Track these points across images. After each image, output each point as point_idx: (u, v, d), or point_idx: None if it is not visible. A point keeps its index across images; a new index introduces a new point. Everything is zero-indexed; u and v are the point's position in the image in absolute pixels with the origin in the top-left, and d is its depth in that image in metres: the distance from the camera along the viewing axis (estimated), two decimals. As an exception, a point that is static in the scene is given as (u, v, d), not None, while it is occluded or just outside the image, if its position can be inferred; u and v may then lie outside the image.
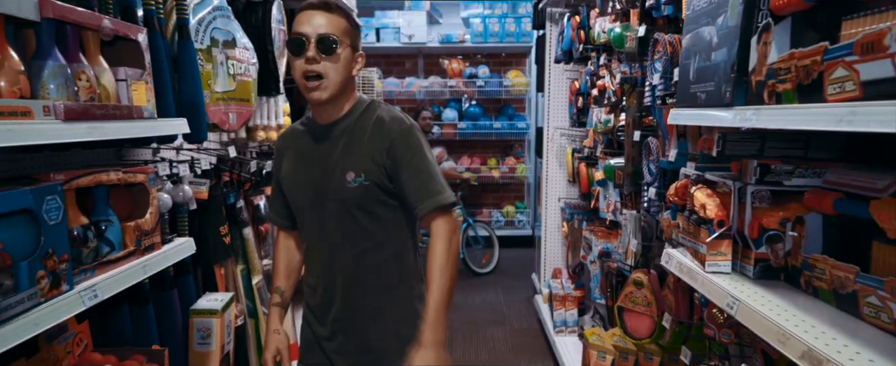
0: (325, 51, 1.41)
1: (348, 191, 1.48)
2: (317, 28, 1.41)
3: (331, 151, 1.52)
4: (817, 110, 0.90)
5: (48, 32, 1.06)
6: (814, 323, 1.01)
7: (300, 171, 1.57)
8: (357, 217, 1.50)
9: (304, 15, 1.45)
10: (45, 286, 1.02)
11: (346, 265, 1.54)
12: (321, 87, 1.43)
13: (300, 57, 1.42)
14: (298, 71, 1.44)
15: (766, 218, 1.26)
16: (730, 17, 1.22)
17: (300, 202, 1.57)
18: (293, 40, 1.43)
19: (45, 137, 0.99)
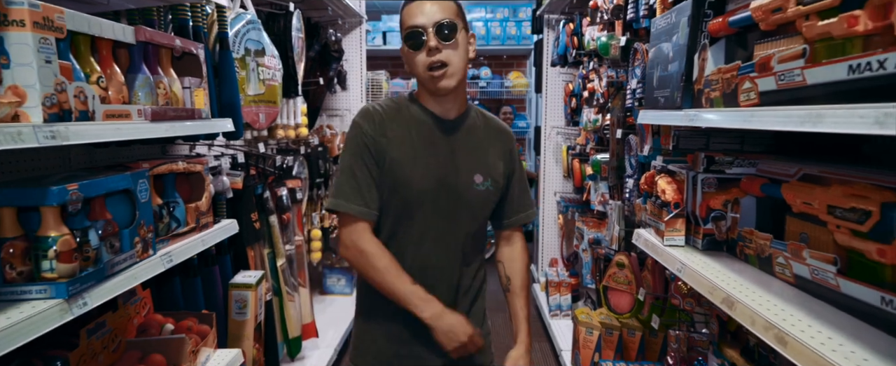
0: (446, 38, 1.35)
1: (474, 193, 1.43)
2: (432, 16, 1.35)
3: (456, 147, 1.44)
4: (732, 113, 1.18)
5: (139, 52, 1.35)
6: (737, 279, 1.29)
7: (421, 158, 1.41)
8: (477, 221, 1.47)
9: (414, 6, 1.37)
10: (139, 250, 1.31)
11: (460, 272, 1.49)
12: (448, 75, 1.37)
13: (421, 49, 1.36)
14: (421, 64, 1.37)
15: (713, 200, 1.54)
16: (680, 36, 1.51)
17: (414, 195, 1.41)
18: (410, 34, 1.36)
19: (140, 133, 1.29)
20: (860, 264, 1.05)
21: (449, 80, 1.37)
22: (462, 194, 1.43)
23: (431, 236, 1.43)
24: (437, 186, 1.41)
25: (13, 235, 1.05)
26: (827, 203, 1.10)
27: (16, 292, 1.04)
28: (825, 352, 0.88)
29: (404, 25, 1.38)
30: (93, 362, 1.41)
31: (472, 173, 1.44)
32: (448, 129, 1.44)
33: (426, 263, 1.44)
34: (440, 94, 1.40)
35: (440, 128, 1.44)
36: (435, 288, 1.41)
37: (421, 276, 1.40)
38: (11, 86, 0.97)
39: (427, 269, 1.44)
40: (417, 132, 1.43)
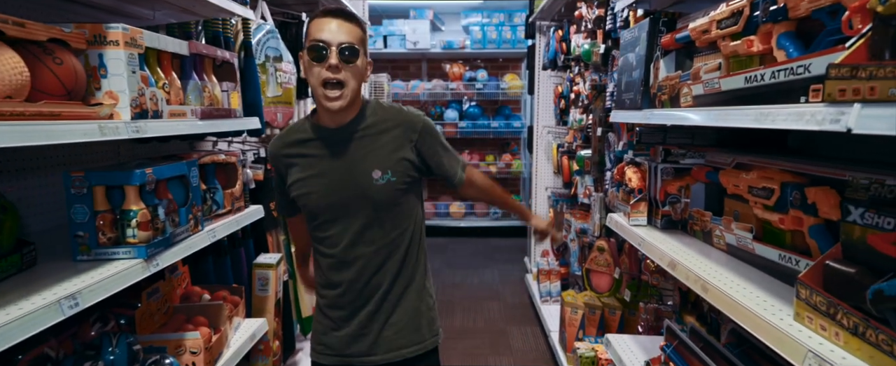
0: (347, 60, 1.41)
1: (375, 189, 1.51)
2: (337, 36, 1.41)
3: (350, 153, 1.52)
4: (676, 112, 1.47)
5: (190, 62, 1.63)
6: (683, 249, 1.58)
7: (319, 177, 1.54)
8: (390, 213, 1.55)
9: (322, 22, 1.44)
10: (192, 225, 1.59)
11: (371, 260, 1.57)
12: (342, 96, 1.43)
13: (321, 64, 1.41)
14: (317, 78, 1.43)
15: (669, 186, 1.83)
16: (641, 48, 1.79)
17: (318, 207, 1.55)
18: (314, 47, 1.41)
19: (193, 129, 1.57)
20: (768, 231, 1.34)
21: (342, 100, 1.43)
22: (364, 193, 1.51)
23: (347, 238, 1.54)
24: (337, 194, 1.52)
25: (103, 208, 1.33)
26: (748, 185, 1.39)
27: (107, 253, 1.32)
28: (733, 294, 1.17)
29: (310, 37, 1.44)
30: (150, 320, 1.69)
31: (370, 171, 1.50)
32: (340, 139, 1.52)
33: (348, 262, 1.56)
34: (330, 110, 1.46)
35: (332, 140, 1.52)
36: (358, 283, 1.57)
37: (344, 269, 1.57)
38: (108, 91, 1.25)
39: (350, 267, 1.57)
40: (313, 150, 1.54)
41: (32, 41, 1.07)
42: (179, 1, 1.83)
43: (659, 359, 1.70)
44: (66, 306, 1.06)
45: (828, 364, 0.83)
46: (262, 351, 2.41)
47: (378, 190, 1.51)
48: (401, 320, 1.62)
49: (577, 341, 2.90)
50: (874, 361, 0.81)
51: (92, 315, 1.49)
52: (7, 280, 1.17)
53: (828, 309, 0.90)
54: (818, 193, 1.15)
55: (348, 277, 1.57)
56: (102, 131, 1.17)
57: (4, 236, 1.17)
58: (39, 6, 1.71)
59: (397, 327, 1.62)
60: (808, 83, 0.93)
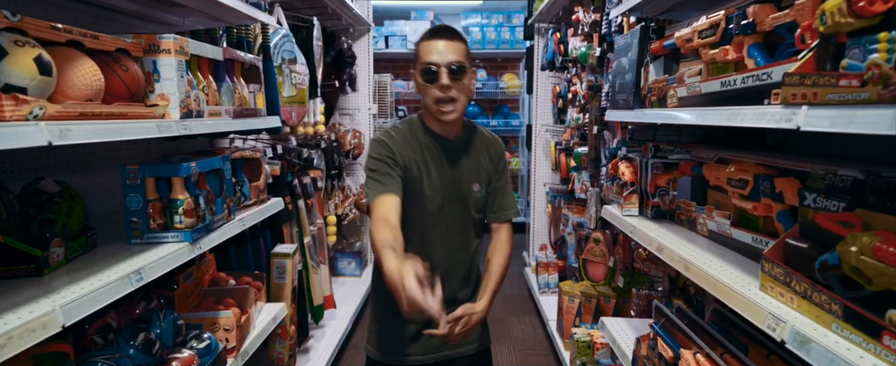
0: (456, 77, 1.55)
1: (474, 200, 1.69)
2: (445, 56, 1.53)
3: (458, 163, 1.67)
4: (663, 112, 1.64)
5: (223, 66, 1.79)
6: (670, 236, 1.75)
7: (431, 175, 1.64)
8: (476, 220, 1.73)
9: (430, 45, 1.56)
10: (226, 214, 1.76)
11: (455, 262, 1.71)
12: (454, 110, 1.58)
13: (433, 84, 1.55)
14: (431, 97, 1.57)
15: (659, 180, 2.00)
16: (633, 53, 1.96)
17: (425, 203, 1.65)
18: (426, 70, 1.55)
19: (227, 127, 1.74)
20: (744, 218, 1.51)
21: (454, 113, 1.58)
22: (465, 202, 1.68)
23: (444, 238, 1.67)
24: (444, 197, 1.65)
25: (153, 197, 1.49)
26: (727, 177, 1.56)
27: (158, 237, 1.49)
28: (710, 272, 1.34)
29: (420, 60, 1.58)
30: (186, 301, 1.85)
31: (472, 183, 1.68)
32: (450, 148, 1.66)
33: (439, 259, 1.66)
34: (445, 123, 1.62)
35: (444, 148, 1.66)
36: (447, 279, 1.62)
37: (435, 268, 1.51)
38: (161, 94, 1.41)
39: (440, 264, 1.65)
40: (426, 153, 1.64)
41: (104, 51, 1.23)
42: (209, 9, 1.99)
43: (648, 336, 1.87)
44: (134, 280, 1.23)
45: (782, 322, 1.01)
46: (280, 335, 2.58)
47: (475, 201, 1.71)
48: None
49: (574, 327, 3.07)
50: (819, 318, 0.98)
51: (138, 295, 1.66)
52: (76, 259, 1.34)
53: (785, 278, 1.08)
54: (784, 182, 1.32)
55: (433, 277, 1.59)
56: (159, 129, 1.34)
57: (74, 221, 1.34)
58: (79, 14, 1.86)
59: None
60: (770, 88, 1.10)
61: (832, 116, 0.87)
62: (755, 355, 1.48)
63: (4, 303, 1.02)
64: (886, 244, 0.84)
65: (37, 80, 1.00)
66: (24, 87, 0.98)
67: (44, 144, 0.95)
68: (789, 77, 0.99)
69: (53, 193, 1.32)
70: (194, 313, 1.82)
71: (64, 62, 1.10)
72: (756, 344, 1.53)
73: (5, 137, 0.89)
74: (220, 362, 1.70)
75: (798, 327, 0.97)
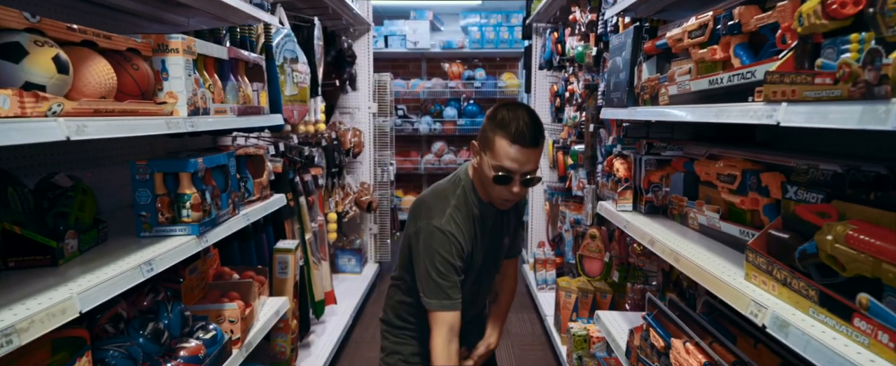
0: (527, 185, 1.61)
1: (503, 251, 1.91)
2: (524, 166, 1.55)
3: (499, 226, 1.81)
4: (655, 109, 1.69)
5: (228, 65, 1.85)
6: (662, 230, 1.80)
7: (479, 240, 1.74)
8: (494, 269, 1.93)
9: (514, 149, 1.51)
10: (231, 209, 1.81)
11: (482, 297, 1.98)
12: (513, 204, 1.72)
13: (505, 186, 1.58)
14: (498, 194, 1.62)
15: (652, 176, 2.05)
16: (627, 52, 2.02)
17: (473, 263, 1.75)
18: (500, 177, 1.56)
19: (232, 124, 1.79)
20: (733, 212, 1.56)
21: (511, 204, 1.72)
22: (498, 254, 1.89)
23: (481, 283, 1.89)
24: (485, 254, 1.80)
25: (162, 192, 1.54)
26: (717, 172, 1.62)
27: (166, 230, 1.54)
28: (699, 262, 1.39)
29: (497, 156, 1.53)
30: (191, 293, 1.90)
31: (504, 238, 1.87)
32: (495, 216, 1.77)
33: (476, 298, 1.89)
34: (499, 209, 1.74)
35: (491, 215, 1.75)
36: (475, 308, 1.92)
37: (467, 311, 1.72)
38: (169, 91, 1.46)
39: (476, 302, 1.91)
40: (478, 226, 1.71)
41: (116, 51, 1.28)
42: (214, 10, 2.04)
43: (641, 327, 1.92)
44: (145, 270, 1.28)
45: (763, 308, 1.06)
46: (282, 329, 2.63)
47: (504, 251, 1.92)
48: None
49: (571, 322, 3.13)
50: (797, 304, 1.03)
51: (146, 287, 1.71)
52: (89, 251, 1.39)
53: (767, 267, 1.13)
54: (770, 177, 1.38)
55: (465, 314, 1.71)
56: (168, 125, 1.39)
57: (86, 214, 1.39)
58: (88, 15, 1.91)
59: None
60: (754, 86, 1.16)
61: (808, 112, 0.92)
62: (743, 344, 1.53)
63: (25, 290, 1.07)
64: (858, 232, 0.90)
65: (55, 78, 1.05)
66: (43, 84, 1.03)
67: (62, 138, 1.00)
68: (770, 75, 1.04)
69: (67, 188, 1.37)
70: (200, 305, 1.87)
71: (79, 61, 1.15)
72: (744, 334, 1.58)
73: (28, 131, 0.94)
74: (225, 352, 1.75)
75: (778, 312, 1.02)
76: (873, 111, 0.77)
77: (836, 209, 1.02)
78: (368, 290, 4.52)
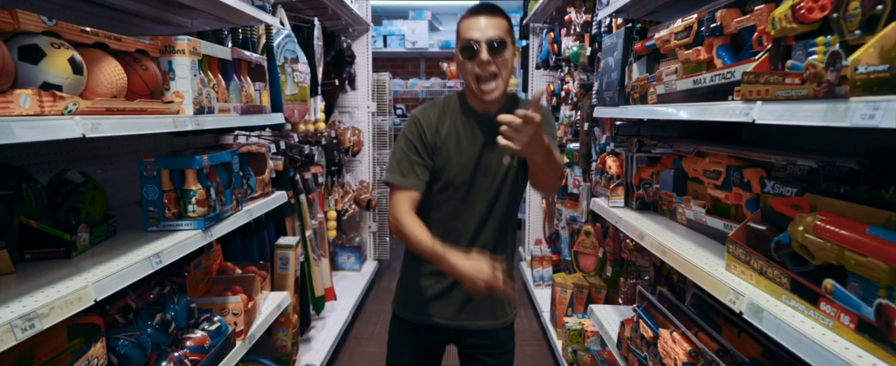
0: (496, 53, 1.50)
1: (501, 171, 1.64)
2: (485, 32, 1.49)
3: (491, 139, 1.52)
4: (644, 107, 1.75)
5: (231, 66, 1.90)
6: (652, 225, 1.86)
7: (460, 150, 1.63)
8: (506, 194, 1.68)
9: (470, 21, 1.52)
10: (235, 205, 1.87)
11: (486, 232, 1.69)
12: (496, 87, 1.54)
13: (473, 60, 1.51)
14: (471, 73, 1.54)
15: (643, 173, 2.11)
16: (619, 53, 2.08)
17: (453, 180, 1.64)
18: (465, 47, 1.51)
19: (236, 122, 1.85)
20: (718, 207, 1.63)
21: (496, 91, 1.55)
22: (493, 174, 1.65)
23: (469, 209, 1.66)
24: (473, 169, 1.63)
25: (168, 188, 1.60)
26: (703, 169, 1.68)
27: (173, 224, 1.60)
28: (685, 255, 1.45)
29: (461, 37, 1.54)
30: (196, 287, 1.96)
31: (501, 157, 1.63)
32: (486, 123, 1.59)
33: (462, 229, 1.67)
34: (486, 101, 1.58)
35: (480, 123, 1.63)
36: (476, 241, 1.66)
37: (457, 239, 1.63)
38: (176, 91, 1.52)
39: (463, 234, 1.67)
40: (461, 128, 1.63)
41: (126, 52, 1.34)
42: (217, 11, 2.10)
43: (632, 319, 1.98)
44: (154, 262, 1.34)
45: (741, 295, 1.12)
46: (283, 323, 2.69)
47: (503, 173, 1.65)
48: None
49: (566, 317, 3.19)
50: (772, 291, 1.09)
51: (152, 280, 1.77)
52: (100, 244, 1.45)
53: (746, 257, 1.19)
54: (751, 173, 1.44)
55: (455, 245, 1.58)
56: (175, 124, 1.45)
57: (97, 210, 1.45)
58: (93, 16, 1.97)
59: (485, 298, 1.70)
60: (733, 85, 1.22)
61: (780, 110, 0.99)
62: (728, 334, 1.60)
63: (42, 280, 1.13)
64: (825, 223, 0.96)
65: (71, 78, 1.11)
66: (59, 84, 1.09)
67: (79, 136, 1.06)
68: (747, 76, 1.10)
69: (79, 184, 1.43)
70: (205, 298, 1.93)
71: (92, 62, 1.21)
72: (730, 324, 1.64)
73: (46, 129, 1.00)
74: (229, 343, 1.81)
75: (754, 299, 1.08)
76: (834, 109, 0.83)
77: (808, 202, 1.08)
78: (368, 287, 4.58)
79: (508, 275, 1.73)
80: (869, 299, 0.84)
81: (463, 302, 1.73)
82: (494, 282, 1.42)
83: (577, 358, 2.86)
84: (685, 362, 1.48)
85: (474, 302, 1.72)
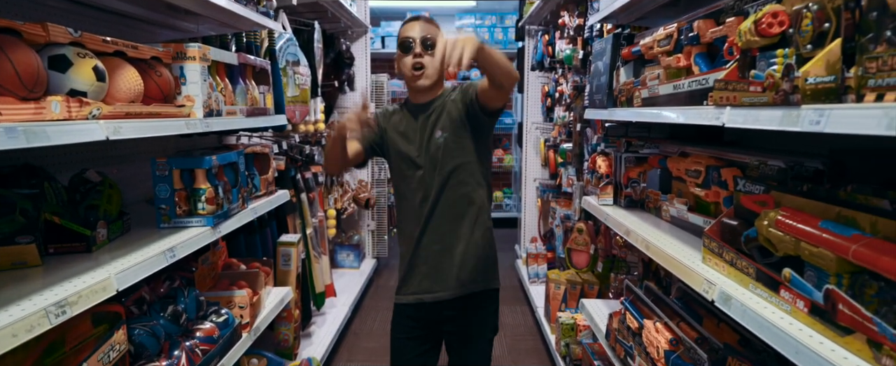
0: (427, 48, 1.80)
1: (436, 145, 1.85)
2: (420, 32, 1.80)
3: (428, 121, 1.86)
4: (630, 110, 1.85)
5: (237, 70, 2.00)
6: (638, 221, 1.96)
7: (404, 138, 1.91)
8: (449, 163, 1.85)
9: (409, 25, 1.85)
10: (241, 203, 1.96)
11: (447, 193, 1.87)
12: (425, 76, 1.81)
13: (409, 54, 1.81)
14: (407, 65, 1.82)
15: (631, 172, 2.21)
16: (607, 57, 2.17)
17: (404, 164, 1.91)
18: (403, 43, 1.82)
19: (242, 124, 1.94)
20: (699, 204, 1.72)
21: (425, 80, 1.82)
22: (430, 149, 1.86)
23: (422, 183, 1.88)
24: (416, 150, 1.88)
25: (179, 187, 1.69)
26: (686, 168, 1.78)
27: (183, 221, 1.69)
28: (666, 249, 1.55)
29: (400, 37, 1.86)
30: (203, 282, 2.06)
31: (435, 132, 1.86)
32: (423, 111, 1.89)
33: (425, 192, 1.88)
34: (417, 89, 1.86)
35: (418, 110, 1.91)
36: (432, 215, 1.88)
37: (418, 215, 1.88)
38: (187, 95, 1.62)
39: (425, 204, 1.88)
40: (405, 118, 1.93)
41: (141, 59, 1.44)
42: (222, 17, 2.19)
43: (619, 312, 2.08)
44: (168, 256, 1.43)
45: (713, 285, 1.22)
46: (285, 318, 2.79)
47: (438, 148, 1.85)
48: (468, 261, 1.88)
49: (560, 312, 3.29)
50: (741, 281, 1.19)
51: (162, 275, 1.86)
52: (116, 240, 1.54)
53: (719, 250, 1.29)
54: (728, 172, 1.54)
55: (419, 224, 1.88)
56: (187, 126, 1.54)
57: (113, 207, 1.54)
58: (102, 23, 2.06)
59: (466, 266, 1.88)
60: (707, 91, 1.31)
61: (745, 115, 1.08)
62: (708, 324, 1.69)
63: (68, 271, 1.22)
64: (785, 218, 1.05)
65: (95, 85, 1.20)
66: (85, 91, 1.18)
67: (103, 138, 1.15)
68: (718, 83, 1.20)
69: (96, 182, 1.52)
70: (213, 292, 2.02)
71: (112, 69, 1.30)
72: (710, 315, 1.74)
73: (74, 133, 1.09)
74: (236, 335, 1.90)
75: (724, 288, 1.18)
76: (789, 115, 0.93)
77: (774, 199, 1.18)
78: (366, 284, 4.67)
79: (489, 235, 1.98)
80: (820, 286, 0.94)
81: (428, 272, 1.90)
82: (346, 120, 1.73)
83: (570, 351, 2.96)
84: (666, 349, 1.58)
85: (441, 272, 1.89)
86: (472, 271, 1.90)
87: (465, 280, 1.90)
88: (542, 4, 4.02)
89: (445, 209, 1.88)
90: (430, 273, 1.91)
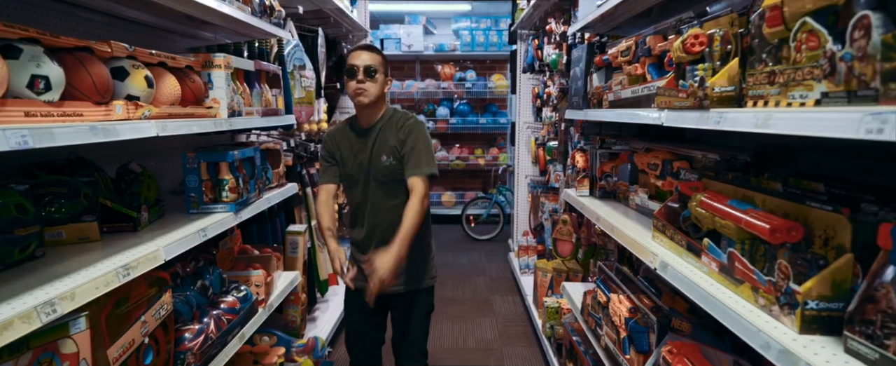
0: (369, 75, 2.08)
1: (382, 167, 2.14)
2: (363, 61, 2.08)
3: (370, 143, 2.15)
4: (599, 111, 2.11)
5: (254, 75, 2.25)
6: (609, 210, 2.22)
7: (353, 156, 2.19)
8: (388, 183, 2.16)
9: (355, 54, 2.13)
10: (257, 193, 2.22)
11: (381, 215, 2.20)
12: (365, 96, 2.08)
13: (353, 79, 2.09)
14: (351, 87, 2.10)
15: (605, 166, 2.47)
16: (582, 64, 2.43)
17: (353, 177, 2.20)
18: (348, 70, 2.10)
19: (259, 123, 2.19)
20: (659, 193, 1.98)
21: (364, 98, 2.09)
22: (375, 169, 2.15)
23: (367, 199, 2.21)
24: (360, 169, 2.18)
25: (206, 178, 1.95)
26: (647, 162, 2.04)
27: (210, 208, 1.94)
28: (626, 231, 1.81)
29: (347, 64, 2.12)
30: (222, 264, 2.31)
31: (380, 156, 2.14)
32: (367, 132, 2.17)
33: (365, 211, 2.23)
34: (360, 107, 2.15)
35: (362, 132, 2.18)
36: (373, 226, 2.21)
37: (363, 218, 2.23)
38: (213, 98, 1.87)
39: (366, 215, 2.22)
40: (351, 138, 2.20)
41: (178, 68, 1.69)
42: (238, 28, 2.44)
43: (592, 290, 2.34)
44: (201, 235, 1.68)
45: (656, 256, 1.48)
46: (293, 300, 3.04)
47: (384, 169, 2.15)
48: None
49: (546, 297, 3.55)
50: (676, 252, 1.45)
51: (189, 255, 2.11)
52: (154, 222, 1.80)
53: (663, 228, 1.55)
54: (679, 164, 1.79)
55: (364, 225, 2.24)
56: (215, 125, 1.79)
57: (152, 195, 1.79)
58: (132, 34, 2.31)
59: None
60: (655, 96, 1.57)
61: (676, 116, 1.34)
62: (666, 298, 1.95)
63: (122, 245, 1.48)
64: (708, 199, 1.31)
65: (146, 91, 1.45)
66: (138, 96, 1.44)
67: (154, 135, 1.41)
68: (659, 89, 1.46)
69: (138, 173, 1.77)
70: (232, 272, 2.27)
71: (157, 77, 1.56)
72: (668, 290, 2.00)
73: (133, 130, 1.35)
74: (254, 308, 2.16)
75: (664, 258, 1.44)
76: (702, 116, 1.19)
77: (703, 185, 1.44)
78: (366, 275, 4.91)
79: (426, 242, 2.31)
80: (726, 250, 1.20)
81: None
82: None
83: (554, 332, 3.22)
84: (627, 317, 1.84)
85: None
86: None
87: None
88: (532, 10, 4.28)
89: (390, 210, 2.18)
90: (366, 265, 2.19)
